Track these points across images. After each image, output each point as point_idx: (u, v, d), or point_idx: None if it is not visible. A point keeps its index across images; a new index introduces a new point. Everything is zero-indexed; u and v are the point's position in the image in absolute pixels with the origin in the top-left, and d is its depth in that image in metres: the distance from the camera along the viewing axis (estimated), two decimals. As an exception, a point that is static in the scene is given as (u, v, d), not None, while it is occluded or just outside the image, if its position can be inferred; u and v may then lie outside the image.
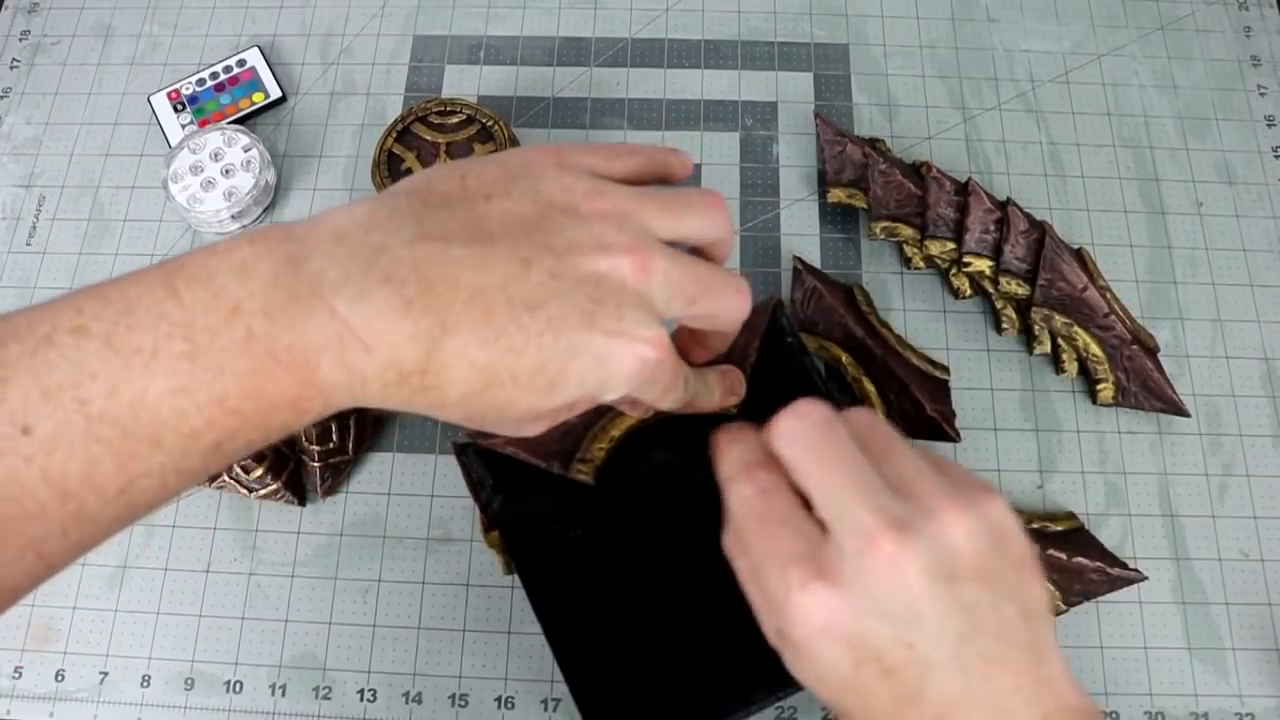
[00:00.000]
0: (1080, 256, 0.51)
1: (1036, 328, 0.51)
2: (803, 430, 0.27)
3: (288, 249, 0.23)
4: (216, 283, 0.23)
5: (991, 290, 0.52)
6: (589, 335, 0.24)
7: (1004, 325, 0.51)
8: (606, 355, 0.25)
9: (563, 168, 0.27)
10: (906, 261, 0.53)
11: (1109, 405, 0.50)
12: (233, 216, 0.54)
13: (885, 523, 0.25)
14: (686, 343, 0.32)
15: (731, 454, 0.29)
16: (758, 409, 0.34)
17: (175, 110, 0.59)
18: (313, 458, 0.48)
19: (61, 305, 0.23)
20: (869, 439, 0.28)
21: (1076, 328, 0.49)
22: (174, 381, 0.22)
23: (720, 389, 0.32)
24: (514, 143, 0.53)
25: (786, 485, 0.27)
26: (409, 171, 0.53)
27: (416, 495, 0.50)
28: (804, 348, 0.36)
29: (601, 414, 0.35)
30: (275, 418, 0.23)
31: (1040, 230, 0.50)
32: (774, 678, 0.33)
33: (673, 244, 0.28)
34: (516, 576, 0.42)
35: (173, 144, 0.58)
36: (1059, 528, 0.47)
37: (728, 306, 0.28)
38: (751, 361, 0.35)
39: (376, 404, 0.25)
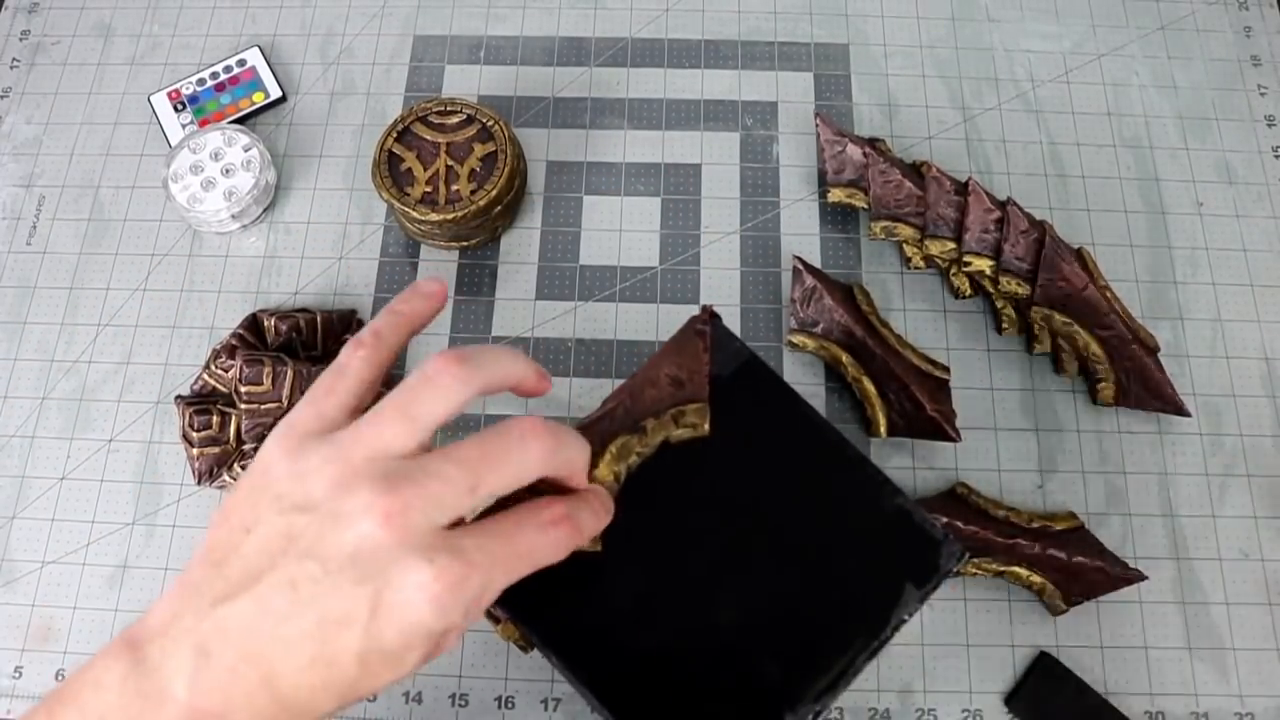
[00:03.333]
0: (1080, 256, 0.51)
1: (1036, 327, 0.51)
2: None
3: (130, 655, 0.27)
4: (81, 698, 0.27)
5: (991, 290, 0.52)
6: (366, 626, 0.26)
7: (1004, 325, 0.51)
8: (389, 624, 0.26)
9: (291, 456, 0.28)
10: (906, 261, 0.53)
11: (1109, 405, 0.50)
12: (233, 216, 0.54)
13: None
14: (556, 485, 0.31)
15: None
16: (724, 413, 0.34)
17: (175, 110, 0.59)
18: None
19: None
20: None
21: (1077, 327, 0.49)
22: None
23: (598, 513, 0.31)
24: (514, 143, 0.53)
25: None
26: (409, 171, 0.52)
27: (416, 495, 0.50)
28: (748, 349, 0.36)
29: (603, 446, 0.34)
30: None
31: (1040, 230, 0.50)
32: (805, 692, 0.33)
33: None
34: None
35: (173, 144, 0.58)
36: (1059, 528, 0.47)
37: (521, 456, 0.28)
38: (708, 371, 0.35)
39: None
